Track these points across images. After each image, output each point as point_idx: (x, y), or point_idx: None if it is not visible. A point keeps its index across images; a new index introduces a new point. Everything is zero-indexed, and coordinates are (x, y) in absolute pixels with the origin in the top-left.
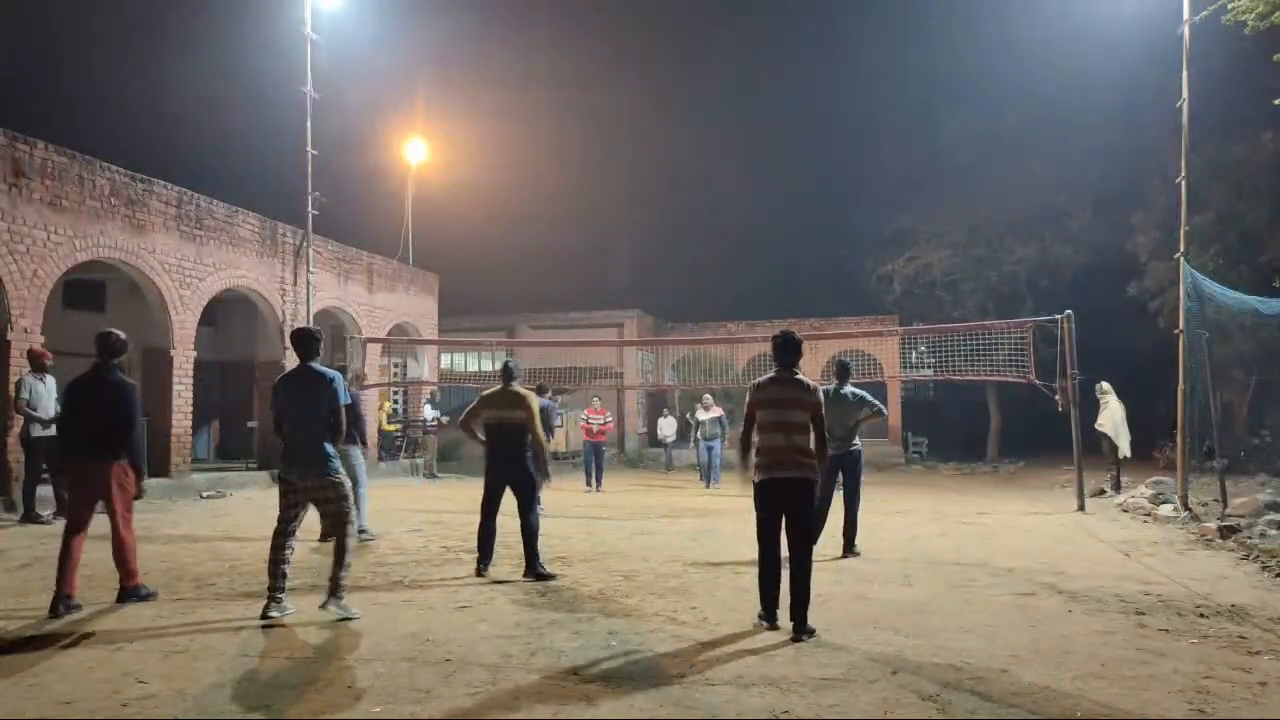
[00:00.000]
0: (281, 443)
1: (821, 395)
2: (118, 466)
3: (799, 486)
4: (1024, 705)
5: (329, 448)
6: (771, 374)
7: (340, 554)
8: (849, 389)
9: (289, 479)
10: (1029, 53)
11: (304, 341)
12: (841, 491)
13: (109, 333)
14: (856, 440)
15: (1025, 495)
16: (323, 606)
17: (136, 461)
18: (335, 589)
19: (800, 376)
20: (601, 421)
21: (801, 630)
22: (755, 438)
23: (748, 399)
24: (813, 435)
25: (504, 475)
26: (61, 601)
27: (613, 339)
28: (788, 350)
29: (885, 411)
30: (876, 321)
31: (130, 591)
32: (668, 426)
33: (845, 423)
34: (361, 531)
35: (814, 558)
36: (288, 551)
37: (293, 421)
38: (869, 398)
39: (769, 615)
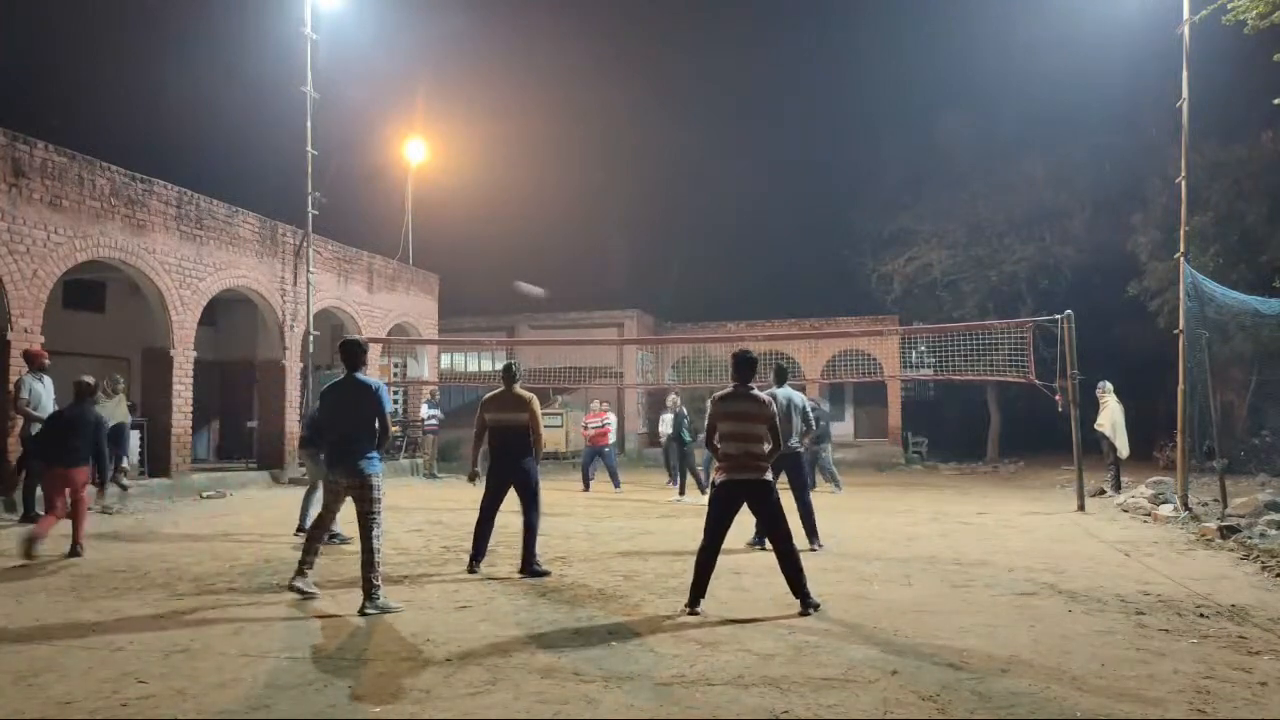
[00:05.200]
0: (309, 449)
1: (775, 407)
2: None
3: (755, 486)
4: (1024, 705)
5: (369, 451)
6: (730, 389)
7: (368, 555)
8: (787, 392)
9: (333, 478)
10: (1029, 53)
11: (352, 353)
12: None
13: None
14: (794, 441)
15: (1025, 495)
16: (361, 612)
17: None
18: (369, 591)
19: (755, 391)
20: (599, 425)
21: (807, 605)
22: (718, 444)
23: (710, 410)
24: (768, 442)
25: (506, 475)
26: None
27: (613, 339)
28: (747, 368)
29: (814, 429)
30: (876, 321)
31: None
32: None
33: (784, 426)
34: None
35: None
36: (324, 538)
37: (336, 425)
38: (808, 410)
39: (693, 602)
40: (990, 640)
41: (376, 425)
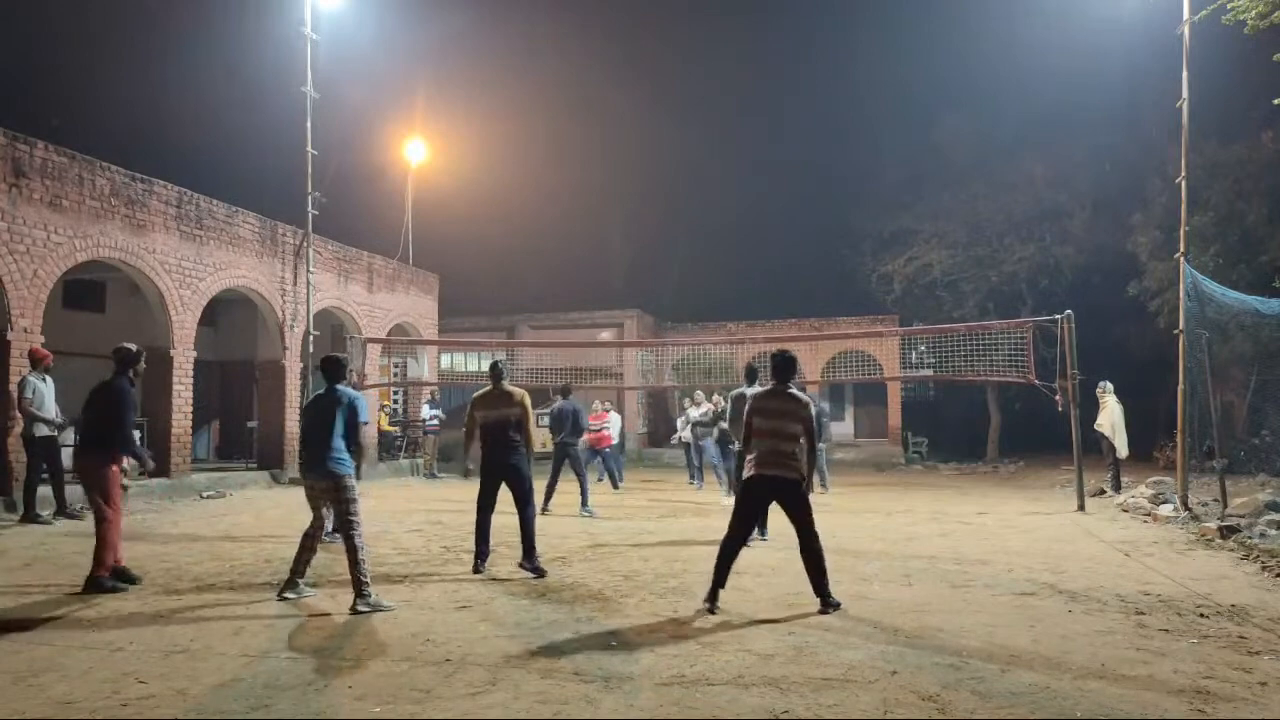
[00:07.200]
0: (303, 455)
1: (813, 409)
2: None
3: (784, 484)
4: (1024, 705)
5: (339, 454)
6: (769, 386)
7: (351, 554)
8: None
9: (306, 481)
10: (1029, 53)
11: (329, 368)
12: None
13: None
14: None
15: (1025, 495)
16: (353, 610)
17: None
18: (359, 589)
19: (793, 391)
20: (599, 427)
21: (827, 604)
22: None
23: (746, 408)
24: (804, 443)
25: (498, 472)
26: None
27: (613, 339)
28: (786, 368)
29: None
30: (876, 321)
31: None
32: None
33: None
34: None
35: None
36: (312, 542)
37: (311, 431)
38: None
39: (712, 598)
40: (990, 640)
41: (351, 432)
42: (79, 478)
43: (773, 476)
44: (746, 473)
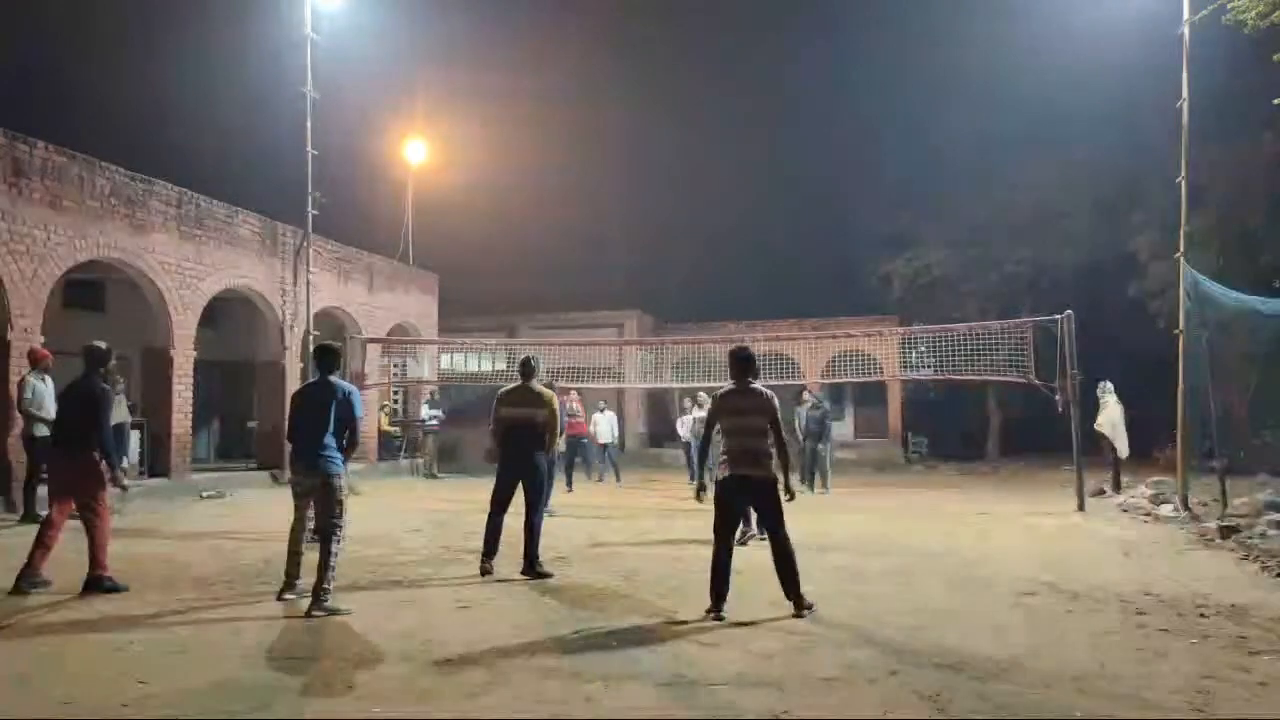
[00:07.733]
0: (291, 447)
1: (776, 402)
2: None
3: (757, 482)
4: (1023, 705)
5: (331, 452)
6: (730, 386)
7: (324, 559)
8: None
9: (296, 476)
10: (1029, 53)
11: (323, 357)
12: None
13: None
14: None
15: (1025, 495)
16: (307, 614)
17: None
18: (318, 597)
19: (755, 386)
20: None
21: (800, 607)
22: (719, 441)
23: (709, 408)
24: (771, 438)
25: (516, 473)
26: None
27: (613, 339)
28: (743, 365)
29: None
30: (876, 321)
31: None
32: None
33: None
34: None
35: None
36: (302, 543)
37: (303, 424)
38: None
39: (716, 607)
40: (990, 640)
41: (346, 429)
42: (57, 475)
43: (744, 475)
44: (719, 474)
